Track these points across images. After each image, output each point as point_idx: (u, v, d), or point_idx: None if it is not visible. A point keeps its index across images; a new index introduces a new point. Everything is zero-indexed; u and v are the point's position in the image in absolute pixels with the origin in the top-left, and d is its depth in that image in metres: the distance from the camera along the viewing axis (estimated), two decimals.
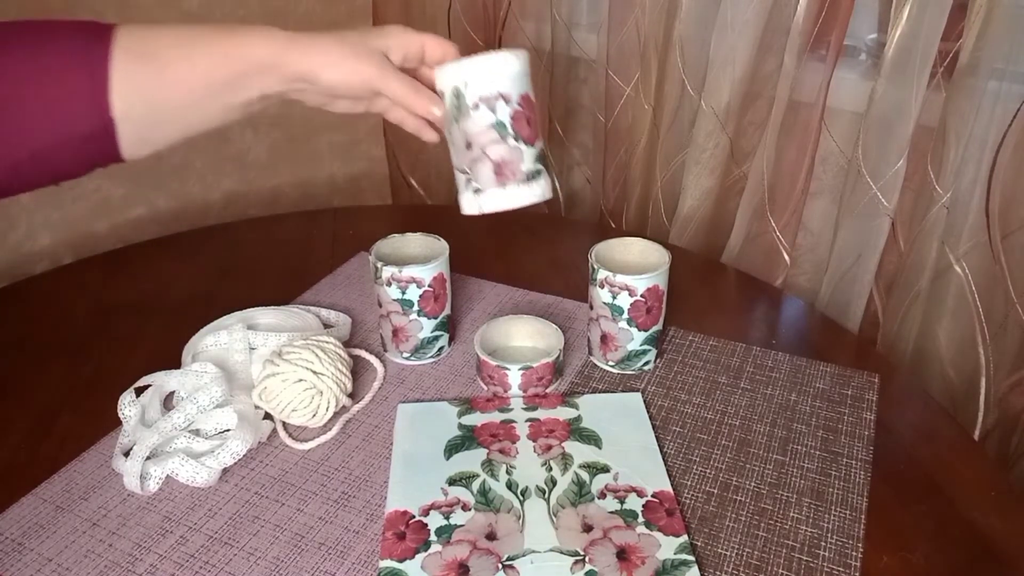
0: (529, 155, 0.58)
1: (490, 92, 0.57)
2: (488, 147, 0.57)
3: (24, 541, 0.57)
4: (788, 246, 1.05)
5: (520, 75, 0.57)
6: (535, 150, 0.58)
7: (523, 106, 0.57)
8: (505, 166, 0.58)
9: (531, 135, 0.58)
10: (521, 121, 0.57)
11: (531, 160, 0.58)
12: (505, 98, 0.57)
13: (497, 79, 0.57)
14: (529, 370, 0.69)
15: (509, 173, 0.58)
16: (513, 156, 0.58)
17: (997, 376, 0.91)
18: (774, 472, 0.63)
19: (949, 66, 0.88)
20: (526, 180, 0.58)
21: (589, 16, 1.22)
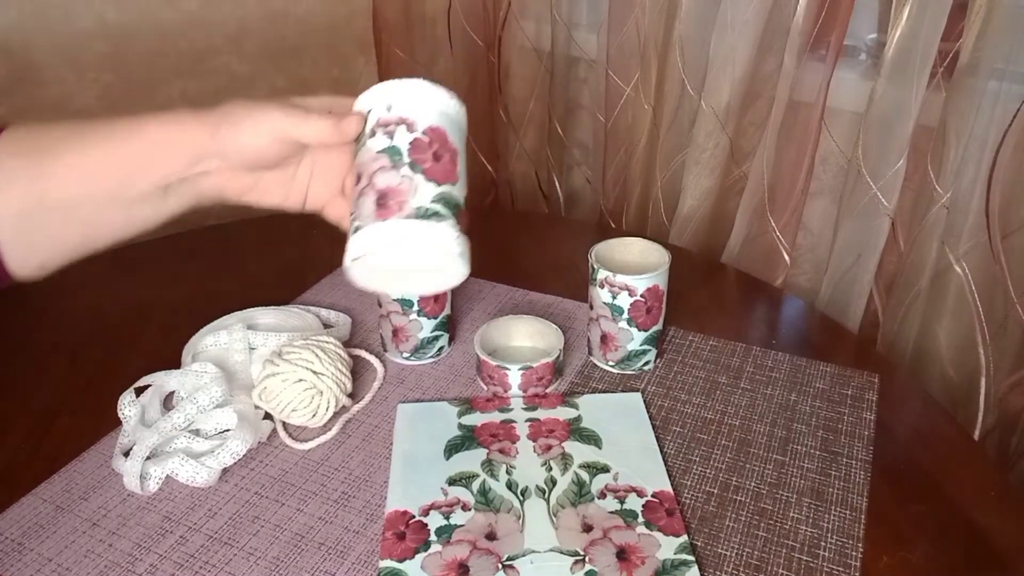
0: (427, 190, 0.48)
1: (390, 116, 0.49)
2: (376, 175, 0.48)
3: (24, 541, 0.57)
4: (788, 246, 1.05)
5: (432, 107, 0.50)
6: (439, 189, 0.48)
7: (430, 137, 0.49)
8: (390, 195, 0.47)
9: (436, 171, 0.48)
10: (423, 151, 0.48)
11: (428, 196, 0.47)
12: (408, 124, 0.49)
13: (402, 103, 0.49)
14: (529, 370, 0.69)
15: (394, 205, 0.47)
16: (403, 185, 0.47)
17: (997, 376, 0.91)
18: (774, 472, 0.63)
19: (949, 66, 0.88)
20: (415, 217, 0.47)
21: (589, 16, 1.22)
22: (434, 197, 0.48)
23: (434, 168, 0.49)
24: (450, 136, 0.50)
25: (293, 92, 1.29)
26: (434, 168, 0.49)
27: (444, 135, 0.50)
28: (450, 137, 0.50)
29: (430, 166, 0.48)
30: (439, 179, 0.48)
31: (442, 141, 0.49)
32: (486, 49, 1.27)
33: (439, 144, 0.49)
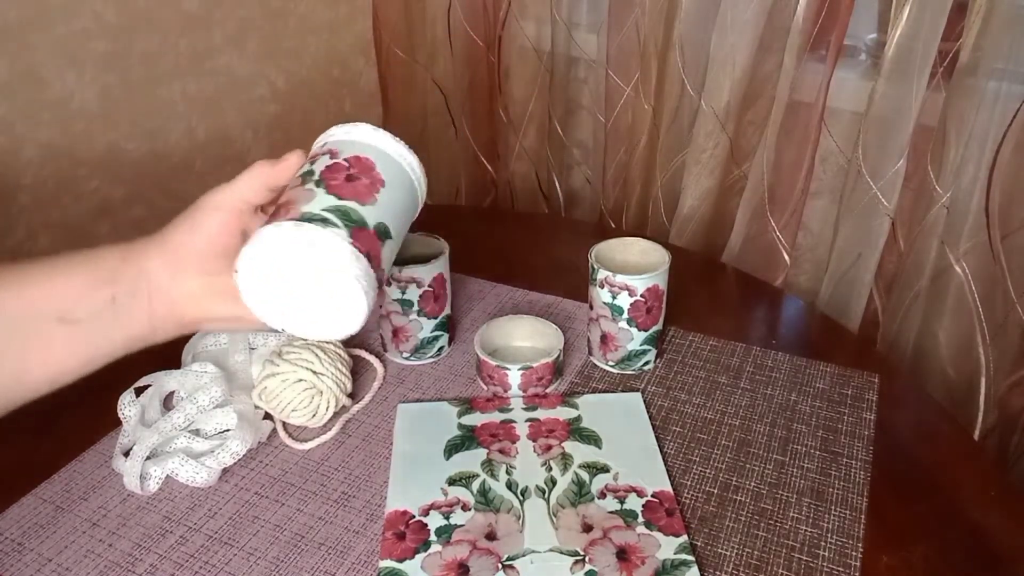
0: (323, 200, 0.45)
1: (319, 149, 0.49)
2: (283, 193, 0.47)
3: (24, 541, 0.57)
4: (788, 246, 1.05)
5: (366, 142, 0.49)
6: (338, 202, 0.45)
7: (350, 163, 0.47)
8: (284, 205, 0.46)
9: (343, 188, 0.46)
10: (337, 172, 0.46)
11: (321, 205, 0.45)
12: (331, 153, 0.48)
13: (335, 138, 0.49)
14: (529, 370, 0.69)
15: (283, 212, 0.45)
16: (300, 196, 0.45)
17: (997, 376, 0.91)
18: (774, 472, 0.63)
19: (949, 66, 0.88)
20: (297, 220, 0.44)
21: (589, 16, 1.22)
22: (328, 206, 0.44)
23: (342, 186, 0.46)
24: (379, 168, 0.48)
25: (293, 92, 1.28)
26: (342, 186, 0.46)
27: (371, 165, 0.48)
28: (379, 168, 0.48)
29: (337, 183, 0.46)
30: (343, 195, 0.45)
31: (365, 169, 0.47)
32: (486, 49, 1.27)
33: (359, 169, 0.47)
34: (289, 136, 1.28)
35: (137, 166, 1.09)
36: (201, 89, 1.13)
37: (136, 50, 1.04)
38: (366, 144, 0.49)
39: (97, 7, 0.99)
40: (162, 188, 1.13)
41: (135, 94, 1.06)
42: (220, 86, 1.15)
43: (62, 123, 1.00)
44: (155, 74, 1.07)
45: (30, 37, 0.94)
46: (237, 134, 1.21)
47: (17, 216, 0.99)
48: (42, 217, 1.01)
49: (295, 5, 1.21)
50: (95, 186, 1.05)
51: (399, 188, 0.49)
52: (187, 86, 1.11)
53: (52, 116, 0.98)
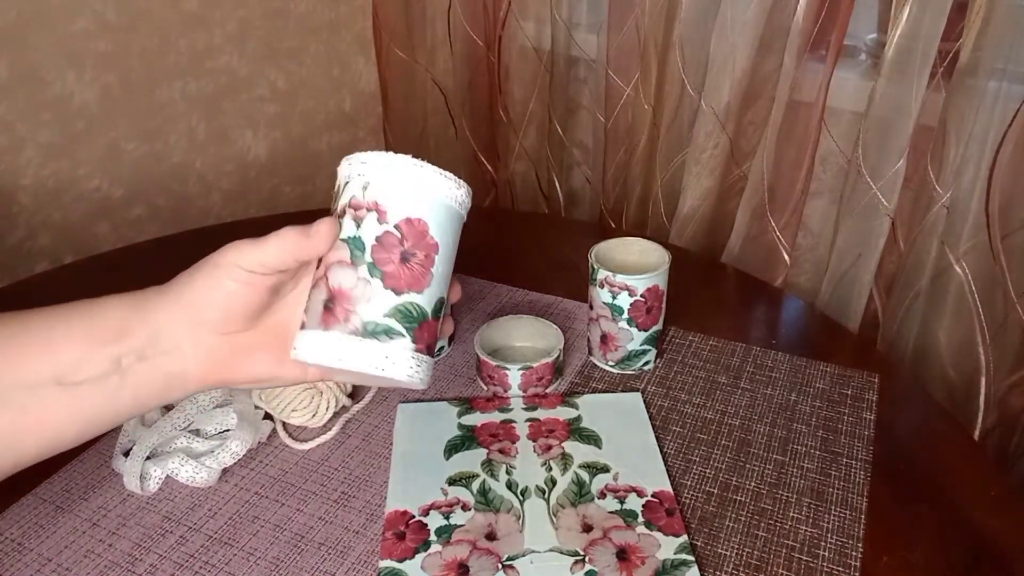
0: (381, 301, 0.42)
1: (363, 199, 0.43)
2: (332, 268, 0.43)
3: (24, 541, 0.57)
4: (788, 246, 1.05)
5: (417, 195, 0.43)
6: (397, 300, 0.42)
7: (403, 232, 0.42)
8: (339, 299, 0.43)
9: (399, 278, 0.42)
10: (389, 250, 0.42)
11: (382, 310, 0.42)
12: (379, 213, 0.42)
13: (380, 184, 0.43)
14: (529, 370, 0.69)
15: (340, 313, 0.42)
16: (356, 291, 0.42)
17: (997, 376, 0.91)
18: (774, 472, 0.63)
19: (949, 66, 0.88)
20: (361, 334, 0.42)
21: (589, 16, 1.22)
22: (388, 311, 0.42)
23: (397, 273, 0.42)
24: (433, 230, 0.43)
25: (293, 92, 1.29)
26: (397, 273, 0.42)
27: (424, 230, 0.43)
28: (432, 231, 0.43)
29: (392, 270, 0.42)
30: (401, 287, 0.43)
31: (418, 237, 0.43)
32: (486, 49, 1.27)
33: (413, 241, 0.43)
34: (289, 135, 1.28)
35: (137, 166, 1.09)
36: (201, 89, 1.13)
37: (136, 50, 1.04)
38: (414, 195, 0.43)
39: (97, 7, 0.99)
40: (162, 188, 1.13)
41: (135, 94, 1.06)
42: (220, 86, 1.15)
43: (62, 123, 1.00)
44: (155, 74, 1.07)
45: (30, 37, 0.94)
46: (237, 134, 1.21)
47: (17, 216, 0.99)
48: (42, 217, 1.01)
49: (295, 5, 1.21)
50: (95, 186, 1.06)
51: (450, 238, 0.45)
52: (187, 86, 1.11)
53: (52, 116, 0.98)
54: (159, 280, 0.70)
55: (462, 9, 1.26)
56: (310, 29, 1.25)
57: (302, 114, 1.29)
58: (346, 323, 0.42)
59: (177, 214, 1.16)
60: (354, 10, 1.31)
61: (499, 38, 1.25)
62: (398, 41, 1.31)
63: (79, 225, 1.05)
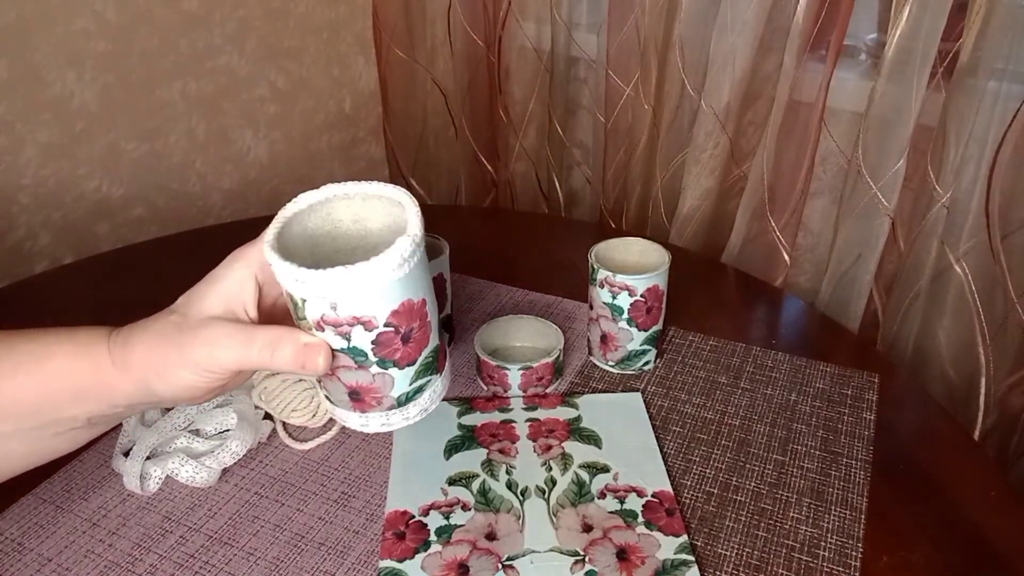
0: (404, 378, 0.44)
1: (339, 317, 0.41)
2: (339, 372, 0.44)
3: (24, 541, 0.57)
4: (788, 246, 1.05)
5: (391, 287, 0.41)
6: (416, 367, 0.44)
7: (395, 325, 0.42)
8: (364, 392, 0.44)
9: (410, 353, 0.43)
10: (391, 344, 0.42)
11: (407, 382, 0.44)
12: (364, 324, 0.41)
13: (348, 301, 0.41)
14: (529, 370, 0.69)
15: (371, 400, 0.44)
16: (376, 383, 0.44)
17: (997, 376, 0.91)
18: (774, 472, 0.63)
19: (949, 66, 0.88)
20: (399, 404, 0.45)
21: (589, 16, 1.22)
22: (413, 377, 0.44)
23: (408, 352, 0.43)
24: (417, 296, 0.42)
25: (293, 92, 1.28)
26: (408, 352, 0.43)
27: (410, 307, 0.42)
28: (416, 298, 0.42)
29: (403, 354, 0.43)
30: (415, 357, 0.43)
31: (409, 317, 0.42)
32: (486, 49, 1.27)
33: (406, 322, 0.42)
34: (289, 135, 1.28)
35: (137, 166, 1.09)
36: (201, 89, 1.13)
37: (136, 50, 1.04)
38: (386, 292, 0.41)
39: (97, 7, 0.99)
40: (162, 188, 1.13)
41: (135, 94, 1.06)
42: (220, 86, 1.15)
43: (62, 123, 1.00)
44: (155, 74, 1.07)
45: (30, 37, 0.94)
46: (237, 134, 1.21)
47: (17, 216, 0.99)
48: (42, 217, 1.01)
49: (295, 5, 1.21)
50: (95, 186, 1.05)
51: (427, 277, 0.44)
52: (187, 86, 1.11)
53: (52, 116, 0.98)
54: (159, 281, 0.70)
55: (462, 9, 1.25)
56: (310, 29, 1.25)
57: (302, 114, 1.29)
58: (381, 405, 0.45)
59: (177, 214, 1.16)
60: (354, 10, 1.31)
61: (499, 38, 1.25)
62: (398, 41, 1.31)
63: (79, 225, 1.05)
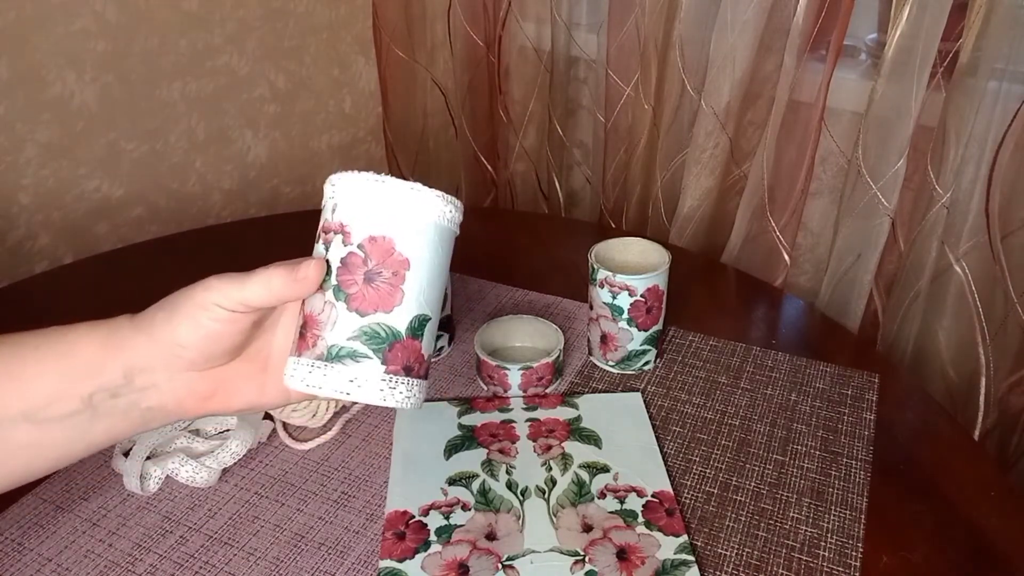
0: (346, 324, 0.42)
1: (332, 219, 0.42)
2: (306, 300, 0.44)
3: (24, 541, 0.57)
4: (788, 246, 1.05)
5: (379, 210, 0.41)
6: (362, 321, 0.42)
7: (366, 252, 0.41)
8: (308, 324, 0.43)
9: (364, 299, 0.42)
10: (353, 271, 0.42)
11: (345, 333, 0.42)
12: (344, 235, 0.42)
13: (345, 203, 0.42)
14: (529, 370, 0.69)
15: (310, 338, 0.43)
16: (322, 317, 0.42)
17: (997, 376, 0.91)
18: (774, 472, 0.63)
19: (949, 66, 0.88)
20: (326, 358, 0.42)
21: (589, 16, 1.22)
22: (352, 333, 0.42)
23: (361, 295, 0.41)
24: (401, 246, 0.42)
25: (293, 92, 1.28)
26: (361, 295, 0.41)
27: (390, 248, 0.41)
28: (400, 247, 0.42)
29: (356, 291, 0.41)
30: (366, 308, 0.42)
31: (383, 255, 0.41)
32: (486, 49, 1.27)
33: (378, 259, 0.41)
34: (289, 135, 1.28)
35: (137, 166, 1.09)
36: (201, 89, 1.13)
37: (136, 50, 1.04)
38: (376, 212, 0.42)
39: (97, 7, 0.99)
40: (162, 188, 1.13)
41: (135, 94, 1.06)
42: (220, 86, 1.15)
43: (62, 123, 1.00)
44: (155, 74, 1.07)
45: (30, 37, 0.94)
46: (237, 134, 1.21)
47: (17, 216, 0.99)
48: (42, 217, 1.01)
49: (295, 5, 1.21)
50: (95, 186, 1.05)
51: (428, 252, 0.43)
52: (187, 86, 1.11)
53: (52, 116, 0.98)
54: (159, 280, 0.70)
55: (462, 9, 1.25)
56: (310, 29, 1.25)
57: (302, 114, 1.29)
58: (314, 348, 0.42)
59: (177, 214, 1.16)
60: (354, 10, 1.30)
61: (499, 38, 1.25)
62: (398, 41, 1.31)
63: (79, 225, 1.05)
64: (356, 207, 0.42)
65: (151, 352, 0.43)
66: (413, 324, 0.43)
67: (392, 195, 0.42)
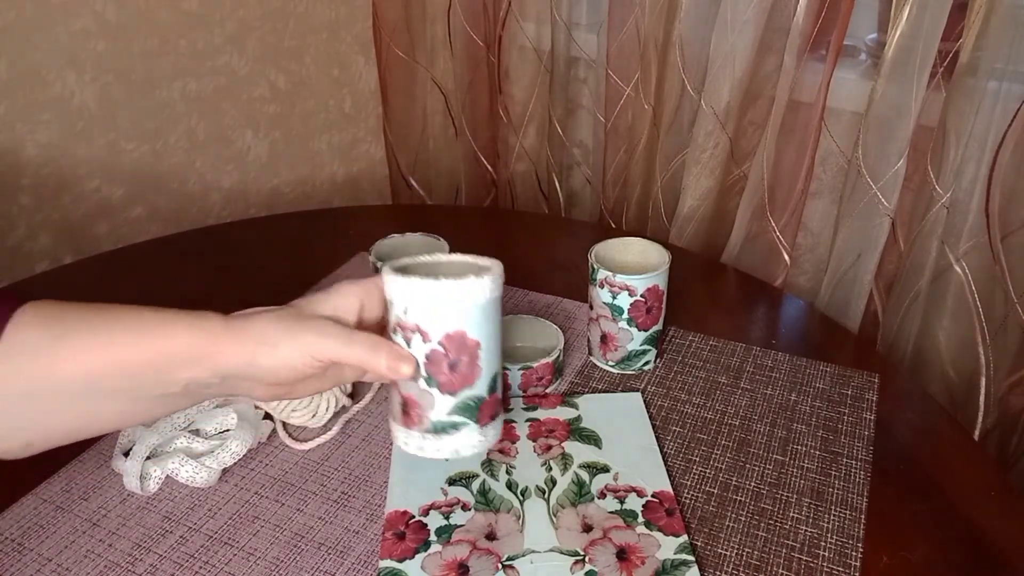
0: (443, 404, 0.49)
1: (407, 321, 0.49)
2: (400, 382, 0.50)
3: (24, 541, 0.57)
4: (788, 246, 1.05)
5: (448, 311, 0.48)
6: (455, 400, 0.49)
7: (445, 347, 0.48)
8: (411, 405, 0.50)
9: (453, 382, 0.49)
10: (438, 363, 0.49)
11: (445, 410, 0.50)
12: (422, 335, 0.48)
13: (416, 309, 0.48)
14: (529, 370, 0.69)
15: (415, 416, 0.50)
16: (422, 400, 0.50)
17: (997, 376, 0.91)
18: (774, 472, 0.63)
19: (949, 66, 0.88)
20: (434, 431, 0.50)
21: (589, 16, 1.22)
22: (451, 409, 0.50)
23: (450, 380, 0.49)
24: (472, 333, 0.49)
25: (293, 92, 1.28)
26: (450, 380, 0.49)
27: (462, 338, 0.49)
28: (471, 334, 0.49)
29: (445, 379, 0.49)
30: (455, 389, 0.50)
31: (459, 346, 0.49)
32: (486, 49, 1.27)
33: (456, 351, 0.49)
34: (289, 135, 1.28)
35: (137, 166, 1.09)
36: (201, 89, 1.13)
37: (136, 50, 1.04)
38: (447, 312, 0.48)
39: (97, 7, 0.99)
40: (162, 188, 1.13)
41: (135, 94, 1.06)
42: (220, 86, 1.15)
43: (62, 123, 1.00)
44: (155, 74, 1.07)
45: (30, 37, 0.94)
46: (237, 134, 1.21)
47: (17, 216, 0.99)
48: (42, 217, 1.01)
49: (295, 5, 1.21)
50: (95, 186, 1.05)
51: (491, 325, 0.50)
52: (187, 86, 1.11)
53: (52, 116, 0.98)
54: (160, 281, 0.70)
55: (462, 9, 1.25)
56: (310, 29, 1.25)
57: (302, 114, 1.29)
58: (421, 424, 0.50)
59: (177, 214, 1.16)
60: (354, 10, 1.30)
61: (499, 38, 1.25)
62: (398, 41, 1.31)
63: (79, 225, 1.05)
64: (426, 311, 0.48)
65: (246, 371, 0.47)
66: (491, 384, 0.51)
67: (454, 294, 0.48)
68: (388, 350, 0.48)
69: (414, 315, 0.49)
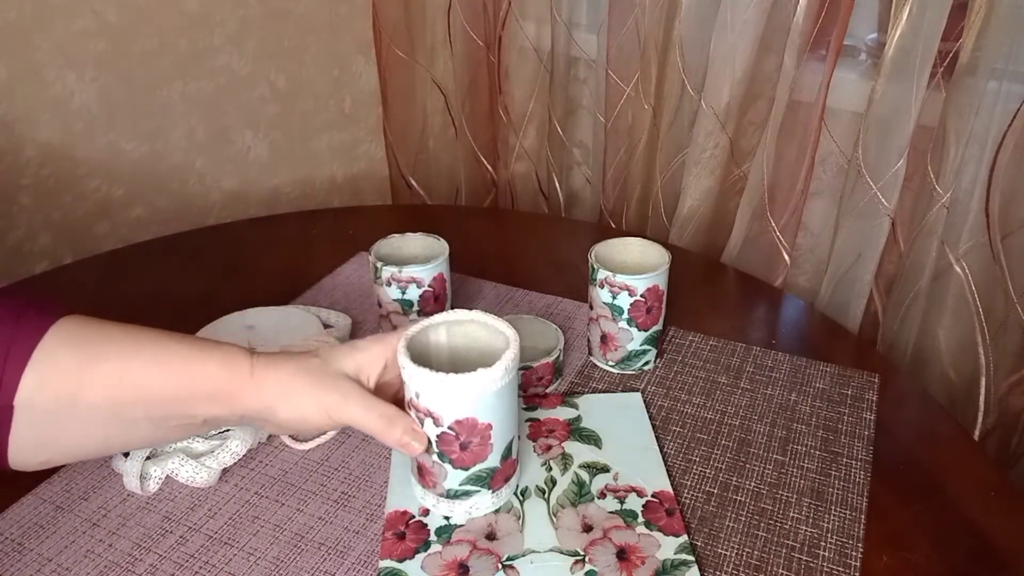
0: (455, 476, 0.54)
1: (420, 404, 0.52)
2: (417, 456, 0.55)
3: (24, 541, 0.57)
4: (788, 246, 1.05)
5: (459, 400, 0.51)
6: (467, 473, 0.53)
7: (456, 431, 0.51)
8: (425, 472, 0.55)
9: (464, 459, 0.53)
10: (450, 444, 0.52)
11: (457, 481, 0.54)
12: (434, 419, 0.52)
13: (428, 395, 0.51)
14: (529, 370, 0.69)
15: (429, 481, 0.55)
16: (435, 469, 0.54)
17: (997, 376, 0.91)
18: (774, 472, 0.63)
19: (949, 66, 0.88)
20: (448, 497, 0.55)
21: (589, 16, 1.22)
22: (463, 480, 0.54)
23: (461, 459, 0.53)
24: (483, 417, 0.51)
25: (293, 92, 1.28)
26: (461, 459, 0.53)
27: (473, 423, 0.51)
28: (482, 418, 0.51)
29: (456, 456, 0.53)
30: (467, 465, 0.53)
31: (470, 430, 0.51)
32: (486, 49, 1.27)
33: (466, 434, 0.52)
34: (289, 135, 1.28)
35: (137, 166, 1.09)
36: (201, 89, 1.13)
37: (136, 50, 1.04)
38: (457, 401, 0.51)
39: (97, 7, 0.99)
40: (162, 188, 1.13)
41: (135, 94, 1.06)
42: (220, 86, 1.15)
43: (62, 123, 1.00)
44: (155, 74, 1.07)
45: (30, 37, 0.94)
46: (237, 134, 1.21)
47: (17, 216, 0.99)
48: (42, 217, 1.01)
49: (295, 5, 1.21)
50: (95, 186, 1.06)
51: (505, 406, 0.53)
52: (187, 86, 1.11)
53: (52, 116, 0.99)
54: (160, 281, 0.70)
55: (462, 9, 1.25)
56: (310, 29, 1.25)
57: (302, 114, 1.29)
58: (435, 488, 0.55)
59: (177, 214, 1.16)
60: (354, 10, 1.30)
61: (499, 38, 1.25)
62: (398, 41, 1.31)
63: (79, 225, 1.05)
64: (436, 399, 0.51)
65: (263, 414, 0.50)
66: (504, 454, 0.54)
67: (469, 386, 0.50)
68: (404, 426, 0.51)
69: (425, 401, 0.51)
